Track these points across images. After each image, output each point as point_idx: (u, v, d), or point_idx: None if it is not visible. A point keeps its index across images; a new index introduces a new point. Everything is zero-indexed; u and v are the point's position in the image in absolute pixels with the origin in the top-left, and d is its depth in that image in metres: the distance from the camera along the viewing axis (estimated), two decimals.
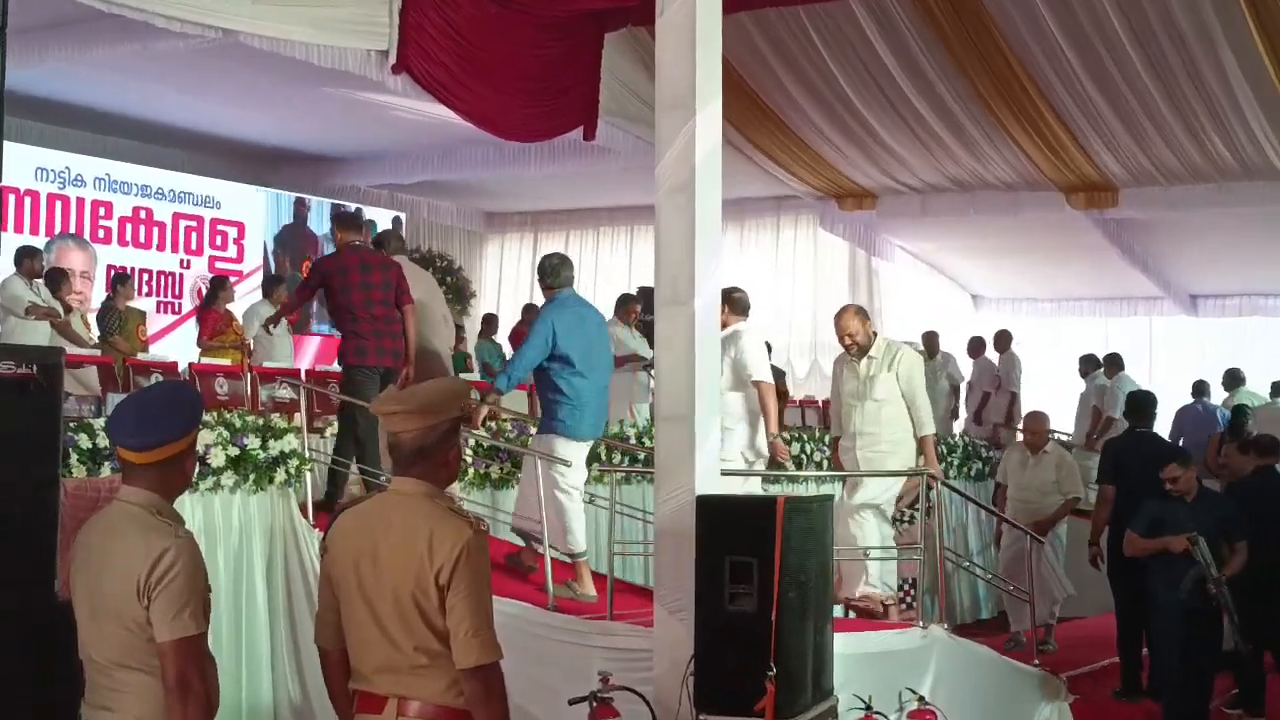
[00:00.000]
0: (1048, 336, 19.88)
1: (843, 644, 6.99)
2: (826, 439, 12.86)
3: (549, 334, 8.94)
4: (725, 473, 7.60)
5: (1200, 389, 17.10)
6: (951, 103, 15.64)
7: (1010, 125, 15.98)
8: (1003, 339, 17.64)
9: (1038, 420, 12.51)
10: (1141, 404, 11.09)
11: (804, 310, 22.25)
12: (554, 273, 9.19)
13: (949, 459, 14.64)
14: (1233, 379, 17.46)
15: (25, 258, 12.72)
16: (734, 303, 9.44)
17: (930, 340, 17.51)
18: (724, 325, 8.48)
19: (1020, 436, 14.05)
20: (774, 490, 10.27)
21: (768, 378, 9.51)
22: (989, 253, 22.01)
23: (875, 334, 9.80)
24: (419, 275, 10.57)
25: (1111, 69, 14.47)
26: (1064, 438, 16.50)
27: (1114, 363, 17.33)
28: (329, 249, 13.57)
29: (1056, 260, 21.82)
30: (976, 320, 22.87)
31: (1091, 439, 16.29)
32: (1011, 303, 24.47)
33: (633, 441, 11.29)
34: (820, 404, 18.76)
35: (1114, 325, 23.90)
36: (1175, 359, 22.07)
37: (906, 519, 10.42)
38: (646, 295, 12.51)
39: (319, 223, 19.99)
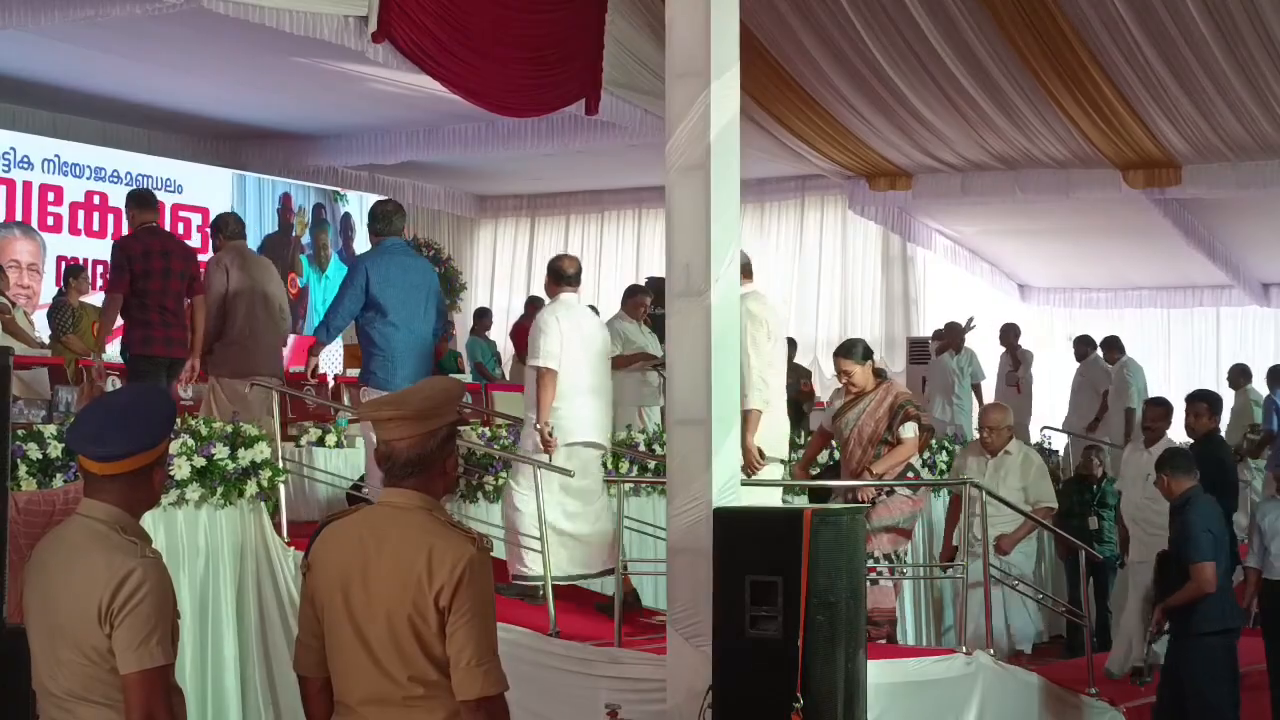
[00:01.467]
0: (1104, 330, 19.81)
1: (877, 672, 7.00)
2: None
3: (364, 282, 9.54)
4: (746, 483, 7.63)
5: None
6: (995, 70, 15.63)
7: (1061, 95, 15.96)
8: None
9: (996, 414, 11.35)
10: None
11: (832, 302, 22.25)
12: (385, 219, 9.92)
13: None
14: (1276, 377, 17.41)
15: None
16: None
17: (952, 332, 17.53)
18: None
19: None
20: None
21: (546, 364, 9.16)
22: (1037, 237, 21.99)
23: None
24: (262, 264, 10.97)
25: (1173, 33, 14.45)
26: (1050, 433, 16.68)
27: (1114, 345, 17.50)
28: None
29: (1112, 245, 21.79)
30: (1024, 312, 22.86)
31: (1096, 425, 16.64)
32: (1063, 293, 24.44)
33: (642, 448, 11.29)
34: None
35: (1176, 317, 23.88)
36: (1245, 354, 22.01)
37: None
38: (656, 286, 12.53)
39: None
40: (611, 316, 12.92)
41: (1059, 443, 17.09)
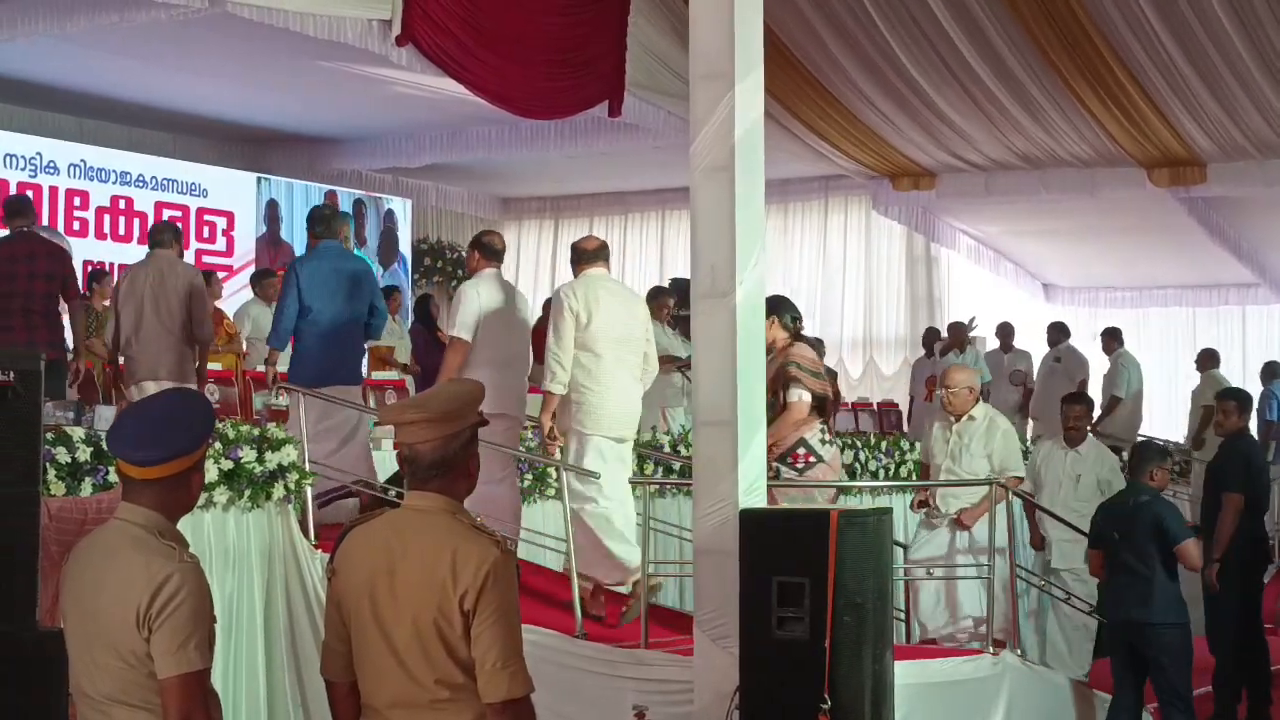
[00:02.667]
0: (1129, 329, 19.79)
1: (904, 673, 7.00)
2: (883, 445, 12.88)
3: (295, 283, 10.01)
4: (773, 484, 7.63)
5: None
6: (1019, 69, 15.59)
7: (1085, 94, 15.92)
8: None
9: (956, 374, 10.49)
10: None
11: (856, 303, 22.24)
12: (324, 222, 10.44)
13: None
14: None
15: None
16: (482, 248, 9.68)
17: (956, 331, 17.76)
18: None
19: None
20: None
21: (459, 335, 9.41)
22: (1062, 237, 21.94)
23: None
24: (177, 265, 11.13)
25: (1198, 30, 14.40)
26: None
27: (1113, 336, 17.55)
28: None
29: (1138, 244, 21.74)
30: (1049, 312, 22.81)
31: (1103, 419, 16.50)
32: (1088, 292, 24.38)
33: (667, 450, 11.29)
34: (875, 406, 18.78)
35: (1203, 315, 23.82)
36: (1272, 352, 21.93)
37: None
38: (681, 288, 12.52)
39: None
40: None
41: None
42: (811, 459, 8.88)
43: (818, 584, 6.09)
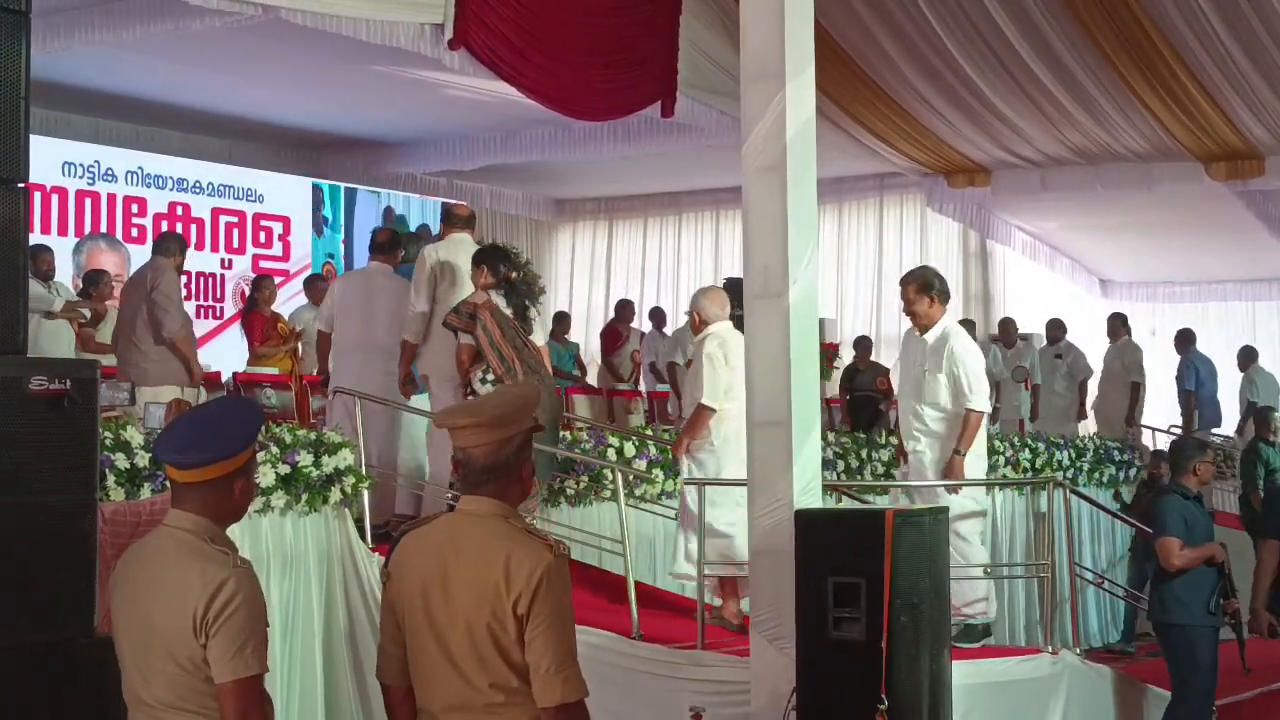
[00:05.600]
0: (1188, 324, 19.65)
1: (962, 673, 6.97)
2: None
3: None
4: (830, 486, 7.60)
5: None
6: (1073, 64, 15.49)
7: (1140, 87, 15.80)
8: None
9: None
10: None
11: None
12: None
13: (1078, 462, 14.50)
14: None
15: (31, 258, 12.86)
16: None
17: (1006, 327, 18.11)
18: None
19: None
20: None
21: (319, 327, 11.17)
22: (1118, 232, 21.79)
23: None
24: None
25: (1254, 22, 14.27)
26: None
27: (1122, 322, 17.90)
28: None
29: (1195, 239, 21.57)
30: (1106, 307, 22.67)
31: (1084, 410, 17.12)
32: (1145, 287, 24.23)
33: None
34: None
35: (1262, 310, 23.61)
36: None
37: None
38: (735, 288, 12.53)
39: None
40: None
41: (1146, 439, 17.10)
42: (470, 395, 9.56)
43: (874, 584, 6.07)
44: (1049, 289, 22.80)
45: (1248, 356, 18.13)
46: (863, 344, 17.94)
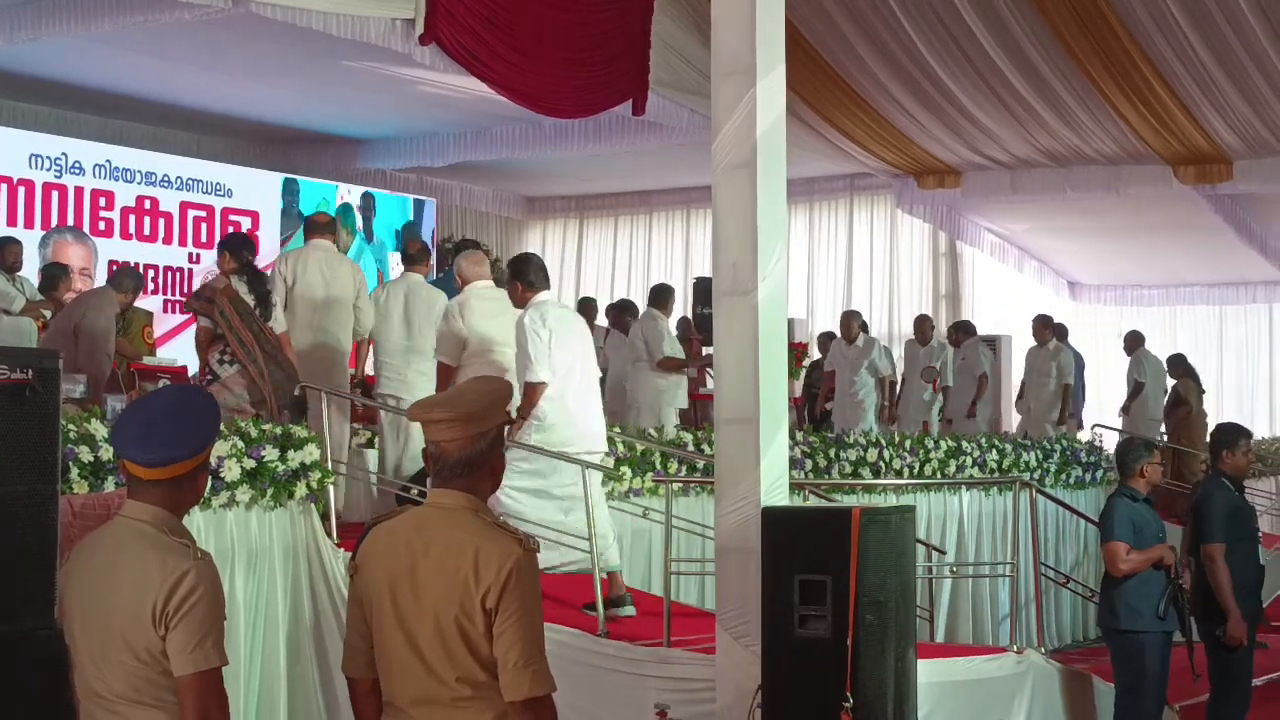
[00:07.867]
0: (1156, 327, 19.76)
1: (927, 671, 6.97)
2: (908, 444, 12.84)
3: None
4: (797, 484, 7.60)
5: None
6: (1044, 67, 15.54)
7: (1110, 91, 15.86)
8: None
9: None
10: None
11: (880, 300, 22.23)
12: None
13: (1044, 464, 14.52)
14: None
15: None
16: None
17: (959, 329, 18.07)
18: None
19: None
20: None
21: None
22: (1087, 235, 21.88)
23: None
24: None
25: (1223, 26, 14.34)
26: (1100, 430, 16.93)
27: (1059, 332, 18.02)
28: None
29: (1164, 242, 21.67)
30: (1074, 310, 22.75)
31: (974, 408, 17.11)
32: (1114, 290, 24.34)
33: (690, 448, 11.27)
34: None
35: (1230, 313, 23.76)
36: None
37: None
38: (704, 286, 12.55)
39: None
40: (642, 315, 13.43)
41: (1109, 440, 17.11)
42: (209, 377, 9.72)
43: (840, 582, 6.07)
44: (1018, 290, 22.88)
45: (1135, 340, 18.48)
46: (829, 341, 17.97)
